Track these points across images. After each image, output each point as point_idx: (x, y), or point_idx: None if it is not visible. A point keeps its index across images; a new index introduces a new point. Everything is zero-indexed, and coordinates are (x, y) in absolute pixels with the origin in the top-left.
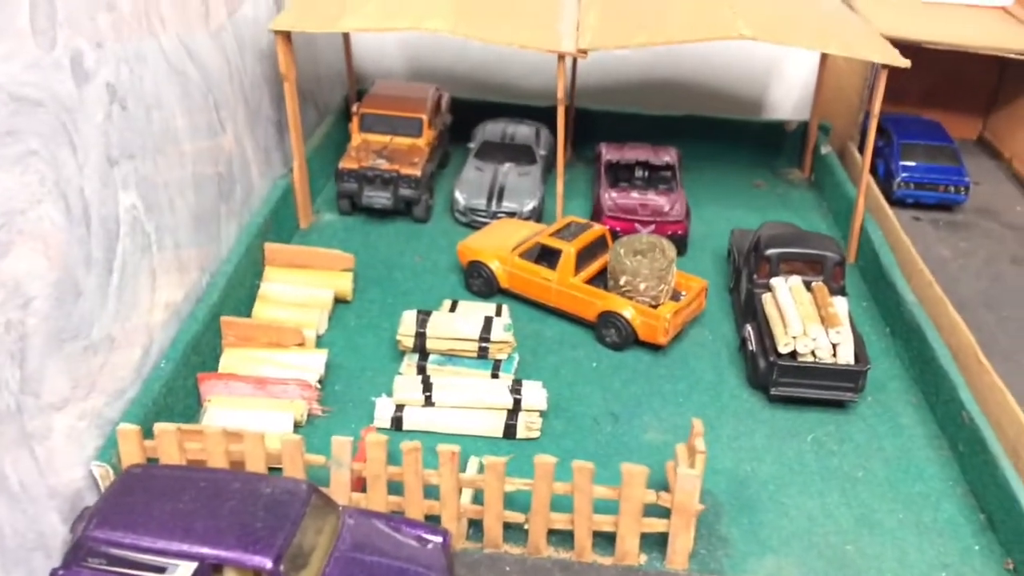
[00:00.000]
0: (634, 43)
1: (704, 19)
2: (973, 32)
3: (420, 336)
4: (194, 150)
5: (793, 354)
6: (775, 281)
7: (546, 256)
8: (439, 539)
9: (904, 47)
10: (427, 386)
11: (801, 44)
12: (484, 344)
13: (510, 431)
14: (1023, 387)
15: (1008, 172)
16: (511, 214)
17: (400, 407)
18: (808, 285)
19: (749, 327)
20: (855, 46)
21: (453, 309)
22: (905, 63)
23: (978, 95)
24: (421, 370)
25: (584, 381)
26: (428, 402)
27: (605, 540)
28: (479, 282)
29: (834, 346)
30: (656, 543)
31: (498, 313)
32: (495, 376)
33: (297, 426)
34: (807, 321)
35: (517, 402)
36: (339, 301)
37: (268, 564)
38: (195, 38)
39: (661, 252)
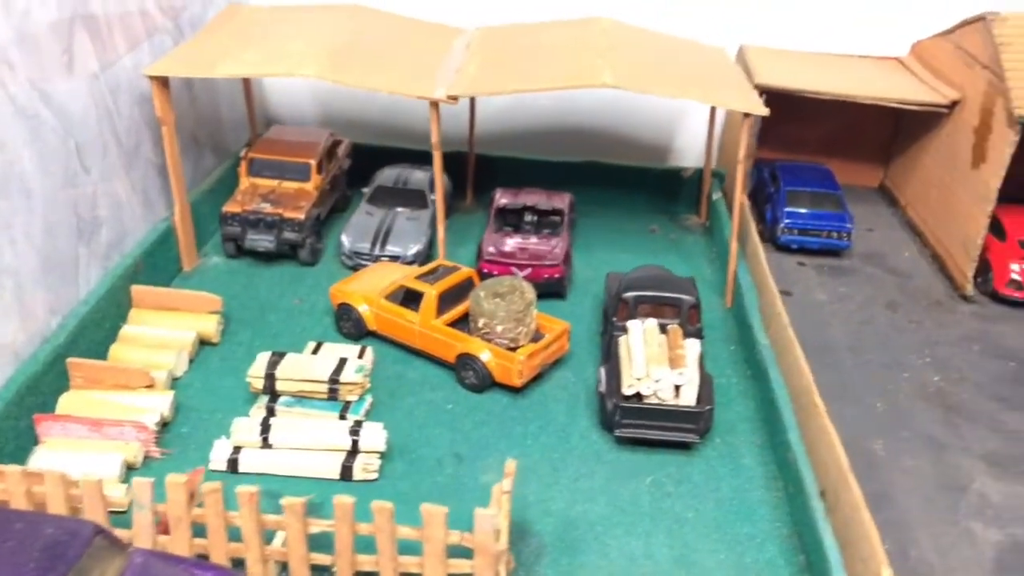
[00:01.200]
0: (506, 90)
1: (574, 68)
2: (863, 83)
3: (269, 378)
4: (45, 192)
5: (640, 396)
6: (631, 323)
7: (410, 299)
8: None
9: (795, 98)
10: (265, 427)
11: (663, 92)
12: (334, 386)
13: (347, 472)
14: (869, 429)
15: (902, 219)
16: (395, 258)
17: (237, 449)
18: (664, 328)
19: (602, 369)
20: (717, 96)
21: (316, 351)
22: (764, 112)
23: (876, 144)
24: (270, 412)
25: (436, 423)
26: (265, 444)
27: None
28: (348, 324)
29: (677, 388)
30: None
31: (361, 355)
32: (343, 418)
33: (131, 468)
34: (652, 363)
35: (355, 443)
36: (206, 343)
37: None
38: (53, 83)
39: (520, 295)
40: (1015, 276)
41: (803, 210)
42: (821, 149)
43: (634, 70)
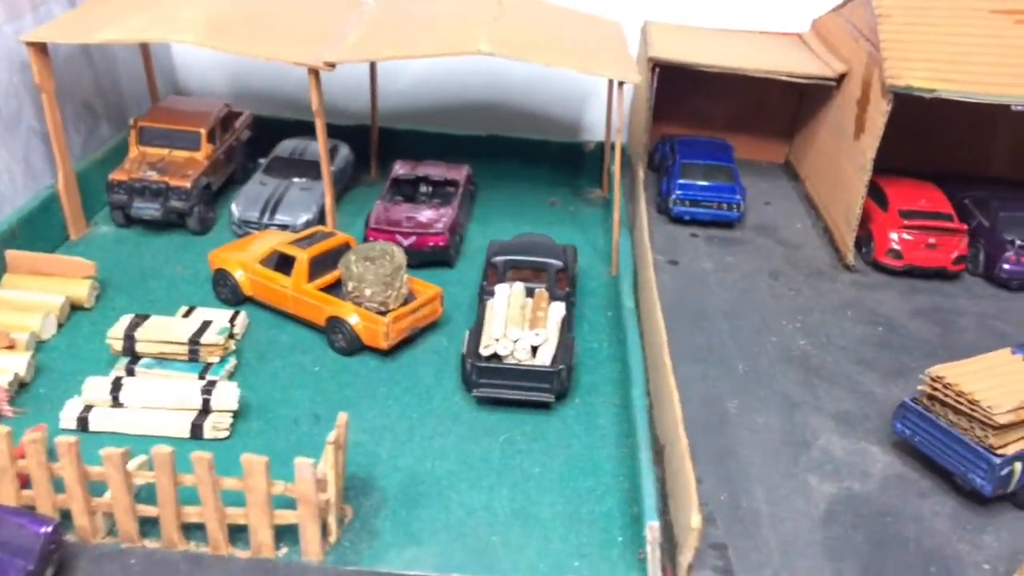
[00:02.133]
0: (379, 57)
1: (453, 36)
2: (758, 58)
3: (129, 339)
4: None
5: (498, 357)
6: (498, 287)
7: (284, 264)
8: (42, 529)
9: (703, 75)
10: (116, 387)
11: (539, 60)
12: (195, 347)
13: (197, 431)
14: (728, 389)
15: (801, 192)
16: (284, 227)
17: (88, 408)
18: (532, 292)
19: (468, 332)
20: (594, 65)
21: (187, 315)
22: (636, 80)
23: (783, 120)
24: (129, 372)
25: (300, 384)
26: (116, 403)
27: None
28: (225, 290)
29: (535, 348)
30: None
31: (233, 319)
32: (202, 379)
33: None
34: (511, 324)
35: (207, 402)
36: (79, 308)
37: None
38: None
39: (389, 259)
40: (894, 246)
41: (695, 182)
42: (729, 125)
43: (515, 39)
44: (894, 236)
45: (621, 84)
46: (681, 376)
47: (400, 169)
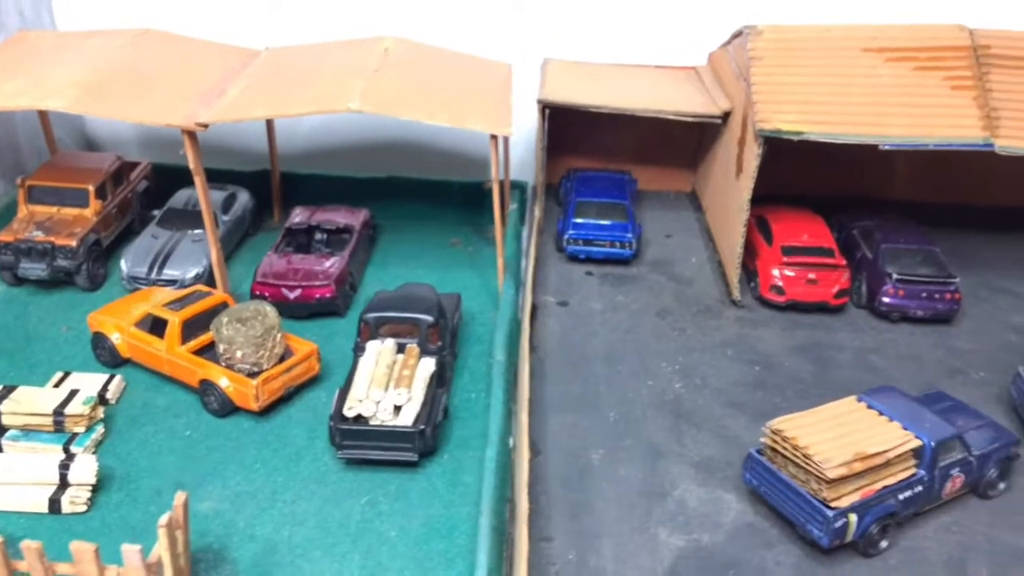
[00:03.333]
0: (251, 116)
1: (327, 92)
2: (647, 96)
3: None
4: None
5: (363, 417)
6: (369, 344)
7: (158, 326)
8: None
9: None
10: None
11: (409, 116)
12: (60, 418)
13: (55, 506)
14: (596, 439)
15: (703, 223)
16: (172, 282)
17: None
18: (403, 347)
19: (338, 391)
20: (466, 118)
21: (61, 383)
22: (507, 132)
23: (687, 151)
24: None
25: (169, 450)
26: None
27: None
28: (104, 353)
29: (398, 408)
30: None
31: (108, 384)
32: (67, 450)
33: None
34: (375, 384)
35: (64, 477)
36: None
37: None
38: None
39: (261, 320)
40: (777, 282)
41: (589, 221)
42: (635, 157)
43: (389, 94)
44: (776, 272)
45: (493, 137)
46: (551, 427)
47: (296, 217)
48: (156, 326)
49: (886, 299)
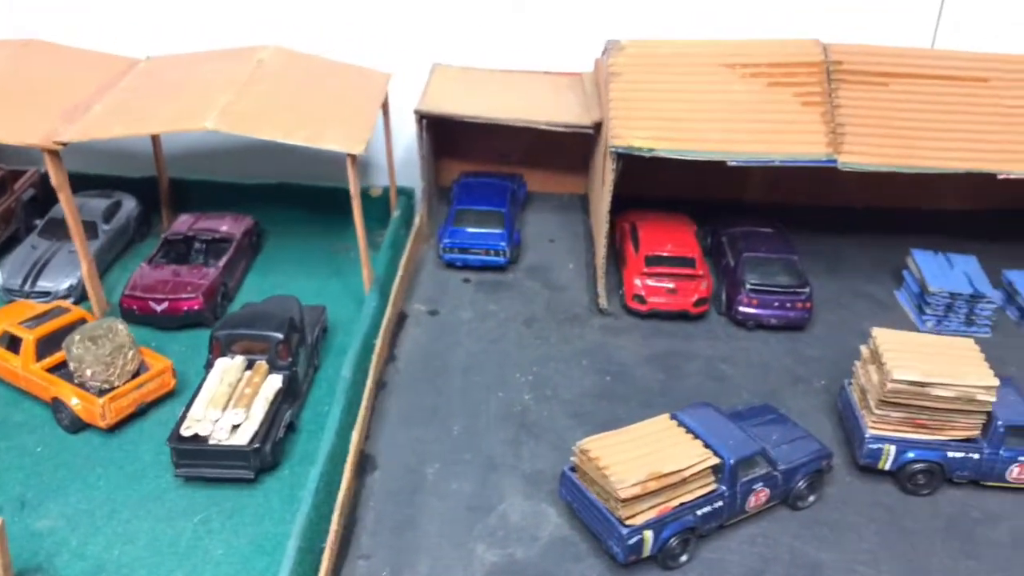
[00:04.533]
0: (108, 134)
1: (187, 108)
2: (523, 105)
3: None
4: None
5: (200, 436)
6: (217, 362)
7: (14, 343)
8: None
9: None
10: None
11: (266, 135)
12: None
13: None
14: (435, 453)
15: (588, 228)
16: (46, 293)
17: None
18: (253, 363)
19: (183, 408)
20: (324, 136)
21: None
22: (359, 151)
23: (577, 155)
24: None
25: (17, 467)
26: None
27: None
28: None
29: (236, 427)
30: None
31: None
32: None
33: None
34: (213, 404)
35: None
36: None
37: None
38: None
39: (111, 338)
40: (638, 291)
41: (465, 229)
42: (526, 160)
43: (250, 111)
44: (638, 282)
45: (350, 155)
46: (396, 441)
47: (180, 226)
48: (13, 343)
49: (741, 308)
